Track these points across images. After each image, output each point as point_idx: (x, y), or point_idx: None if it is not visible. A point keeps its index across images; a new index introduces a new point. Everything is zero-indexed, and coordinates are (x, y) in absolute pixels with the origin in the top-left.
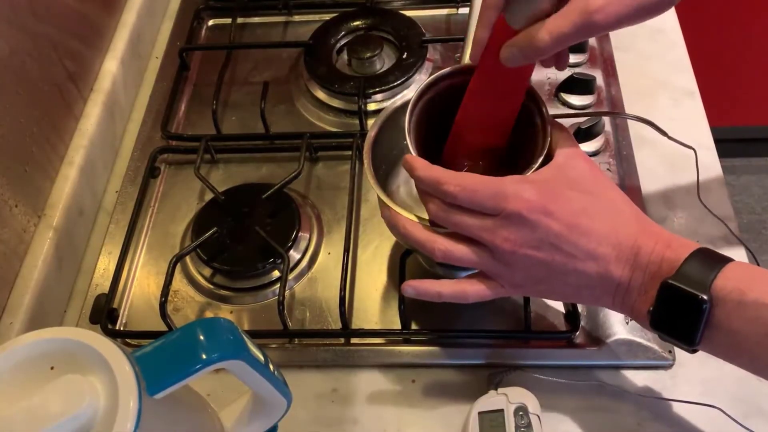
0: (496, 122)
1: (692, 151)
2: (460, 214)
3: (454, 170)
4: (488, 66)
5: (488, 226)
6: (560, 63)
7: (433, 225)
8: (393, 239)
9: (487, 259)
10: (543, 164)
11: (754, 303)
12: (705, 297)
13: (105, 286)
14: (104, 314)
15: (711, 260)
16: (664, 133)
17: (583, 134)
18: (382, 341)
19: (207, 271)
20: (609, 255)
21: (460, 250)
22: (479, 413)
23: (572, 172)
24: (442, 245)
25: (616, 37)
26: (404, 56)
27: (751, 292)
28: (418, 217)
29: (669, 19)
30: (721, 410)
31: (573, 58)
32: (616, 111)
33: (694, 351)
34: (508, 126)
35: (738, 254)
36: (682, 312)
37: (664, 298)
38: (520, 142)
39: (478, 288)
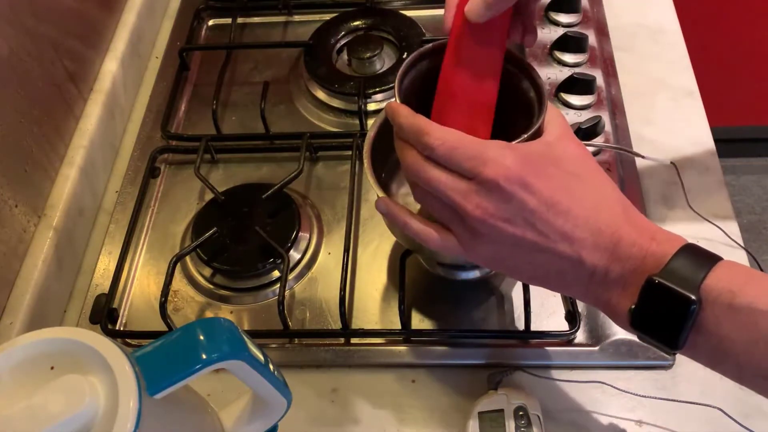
0: (477, 98)
1: (695, 153)
2: (435, 170)
3: None
4: (460, 29)
5: (461, 189)
6: (527, 36)
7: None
8: (393, 239)
9: (456, 221)
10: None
11: (746, 307)
12: (694, 297)
13: (105, 286)
14: (104, 314)
15: (700, 258)
16: (638, 155)
17: (583, 134)
18: (382, 341)
19: (207, 271)
20: (585, 240)
21: (435, 201)
22: (479, 413)
23: (560, 151)
24: (419, 191)
25: (616, 37)
26: (404, 56)
27: (743, 295)
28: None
29: (669, 19)
30: (721, 410)
31: (573, 58)
32: (593, 141)
33: (674, 354)
34: (491, 102)
35: (737, 255)
36: (667, 312)
37: (648, 296)
38: (512, 121)
39: (445, 240)
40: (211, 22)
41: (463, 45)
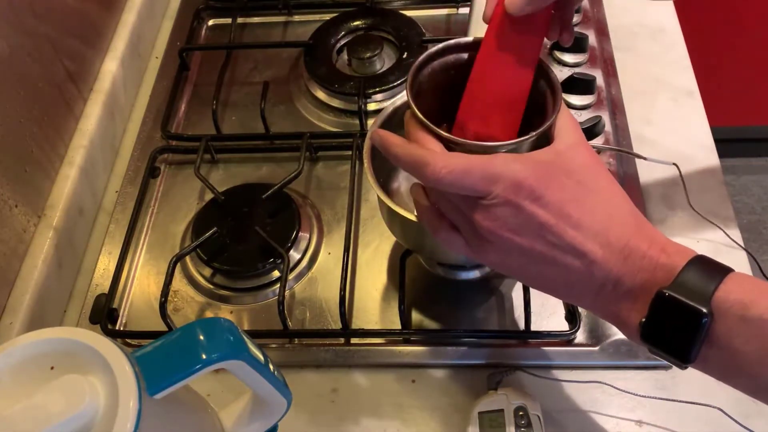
0: (512, 91)
1: (695, 153)
2: (444, 193)
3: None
4: (500, 21)
5: (471, 204)
6: (564, 33)
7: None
8: (393, 239)
9: (466, 226)
10: (541, 144)
11: (758, 319)
12: (705, 310)
13: (105, 286)
14: (104, 314)
15: (711, 270)
16: (640, 157)
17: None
18: (382, 341)
19: (207, 271)
20: (595, 253)
21: (447, 204)
22: (479, 413)
23: (571, 161)
24: (433, 194)
25: (616, 37)
26: (404, 56)
27: (755, 307)
28: (418, 217)
29: (669, 19)
30: (721, 410)
31: (573, 58)
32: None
33: (685, 367)
34: (524, 94)
35: (738, 256)
36: (678, 325)
37: (658, 309)
38: (526, 120)
39: (455, 239)
40: (211, 22)
41: (501, 38)
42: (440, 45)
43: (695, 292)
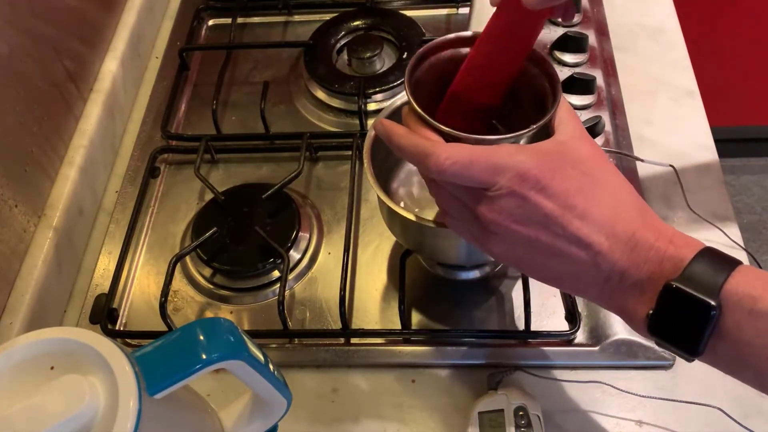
0: (497, 79)
1: (695, 153)
2: (446, 185)
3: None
4: (506, 12)
5: (475, 196)
6: (567, 14)
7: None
8: (393, 239)
9: (470, 218)
10: (540, 138)
11: (767, 313)
12: (714, 303)
13: (105, 286)
14: (104, 314)
15: (719, 262)
16: (637, 159)
17: None
18: (382, 341)
19: (207, 271)
20: (601, 245)
21: (449, 197)
22: (479, 413)
23: (575, 152)
24: (434, 186)
25: (616, 37)
26: (404, 56)
27: (764, 300)
28: (417, 217)
29: (669, 19)
30: (721, 410)
31: (573, 58)
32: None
33: (692, 360)
34: (507, 84)
35: (738, 256)
36: (686, 318)
37: (666, 302)
38: (525, 113)
39: (460, 228)
40: (211, 22)
41: (507, 23)
42: (438, 39)
43: (704, 284)
